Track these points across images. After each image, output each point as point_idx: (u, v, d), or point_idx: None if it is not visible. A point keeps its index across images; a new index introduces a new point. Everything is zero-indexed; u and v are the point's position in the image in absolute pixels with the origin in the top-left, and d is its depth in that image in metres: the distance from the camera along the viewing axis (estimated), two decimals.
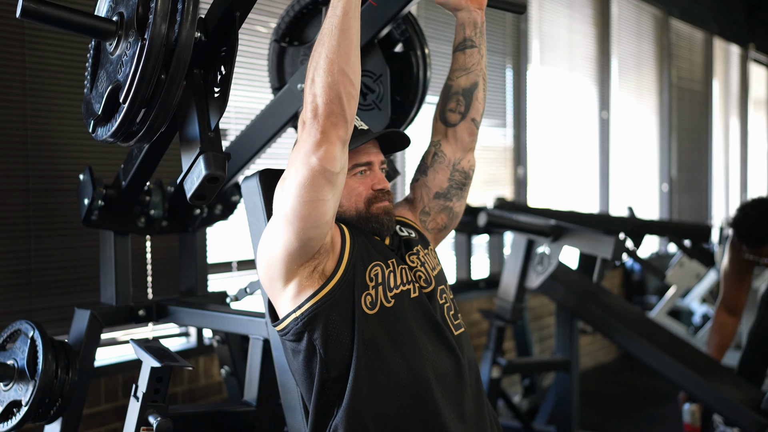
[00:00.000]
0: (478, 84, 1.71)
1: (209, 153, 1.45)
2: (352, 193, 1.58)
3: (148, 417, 1.65)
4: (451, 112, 1.72)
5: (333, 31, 1.37)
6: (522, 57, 4.79)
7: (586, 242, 2.91)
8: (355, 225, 1.58)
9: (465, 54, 1.70)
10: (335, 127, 1.36)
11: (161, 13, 1.35)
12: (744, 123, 8.55)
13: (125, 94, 1.38)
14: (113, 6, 1.52)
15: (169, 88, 1.39)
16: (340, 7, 1.37)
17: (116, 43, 1.46)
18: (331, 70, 1.35)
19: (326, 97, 1.36)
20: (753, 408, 2.87)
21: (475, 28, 1.69)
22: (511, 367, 3.23)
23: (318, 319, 1.45)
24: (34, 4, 1.35)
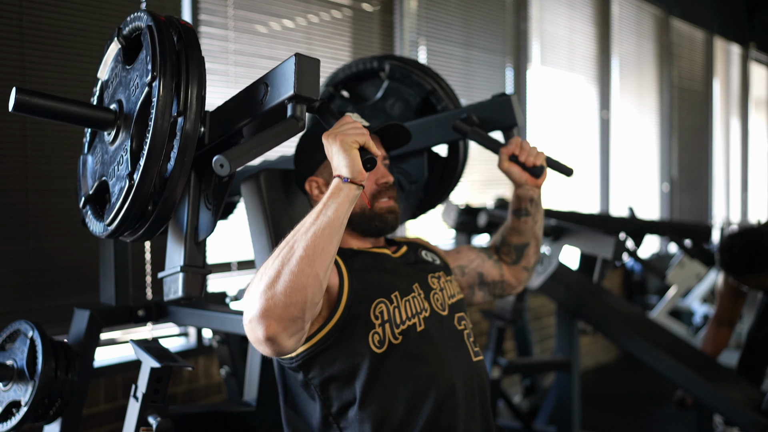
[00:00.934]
0: (529, 244, 1.81)
1: (189, 273, 1.43)
2: None
3: (148, 417, 1.65)
4: (504, 254, 1.81)
5: (319, 232, 1.23)
6: (522, 57, 4.78)
7: (586, 242, 2.91)
8: (359, 222, 1.56)
9: (519, 220, 1.77)
10: (286, 332, 1.23)
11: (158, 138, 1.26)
12: (745, 123, 8.54)
13: (113, 216, 1.35)
14: (113, 83, 1.48)
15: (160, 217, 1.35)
16: (333, 209, 1.24)
17: (115, 134, 1.41)
18: (304, 271, 1.20)
19: (288, 300, 1.20)
20: (753, 408, 2.87)
21: (531, 202, 1.76)
22: (512, 367, 3.23)
23: (314, 362, 1.43)
24: (27, 97, 1.31)
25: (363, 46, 3.77)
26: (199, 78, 1.32)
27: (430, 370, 1.45)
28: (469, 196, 4.44)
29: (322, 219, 1.24)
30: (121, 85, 1.44)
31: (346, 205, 1.25)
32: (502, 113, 1.76)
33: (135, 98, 1.36)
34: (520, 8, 4.76)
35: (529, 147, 1.67)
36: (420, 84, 1.96)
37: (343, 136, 1.25)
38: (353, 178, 1.24)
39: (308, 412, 1.48)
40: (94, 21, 2.62)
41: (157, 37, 1.30)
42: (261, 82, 1.33)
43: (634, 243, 3.76)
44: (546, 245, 3.05)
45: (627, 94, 6.08)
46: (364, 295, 1.46)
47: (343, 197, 1.25)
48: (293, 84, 1.23)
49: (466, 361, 1.54)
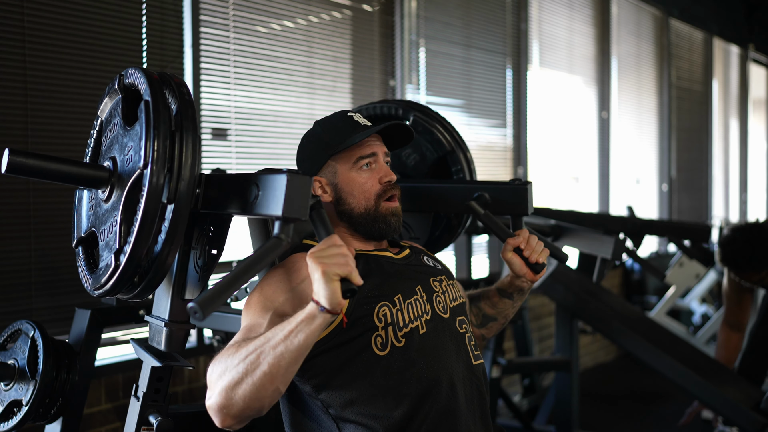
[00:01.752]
0: (497, 320, 1.81)
1: (173, 329, 1.48)
2: (360, 190, 1.55)
3: (149, 416, 1.65)
4: (472, 314, 1.80)
5: (286, 354, 1.24)
6: (522, 57, 4.79)
7: (586, 242, 2.91)
8: (362, 223, 1.56)
9: (501, 299, 1.78)
10: (240, 423, 1.31)
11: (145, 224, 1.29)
12: (744, 123, 8.55)
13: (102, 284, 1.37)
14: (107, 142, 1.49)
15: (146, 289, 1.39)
16: (303, 336, 1.25)
17: (109, 192, 1.42)
18: (266, 386, 1.25)
19: (246, 405, 1.27)
20: (753, 408, 2.87)
21: (520, 293, 1.76)
22: (511, 366, 3.23)
23: (314, 363, 1.42)
24: (21, 158, 1.31)
25: (363, 47, 3.77)
26: (192, 161, 1.34)
27: (432, 373, 1.46)
28: None
29: (291, 341, 1.25)
30: (117, 143, 1.45)
31: (317, 332, 1.27)
32: (517, 201, 1.75)
33: (129, 169, 1.38)
34: (520, 9, 4.77)
35: (535, 243, 1.66)
36: (441, 143, 1.95)
37: (326, 266, 1.24)
38: (330, 309, 1.25)
39: (307, 412, 1.48)
40: (95, 22, 2.62)
41: (152, 119, 1.31)
42: (253, 182, 1.35)
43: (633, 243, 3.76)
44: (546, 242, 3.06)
45: (626, 95, 6.09)
46: (367, 300, 1.46)
47: (315, 325, 1.26)
48: (281, 206, 1.27)
49: (466, 364, 1.54)
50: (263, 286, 1.47)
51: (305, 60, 3.47)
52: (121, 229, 1.36)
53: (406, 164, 2.00)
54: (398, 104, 2.00)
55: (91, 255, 1.52)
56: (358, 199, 1.55)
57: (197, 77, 2.95)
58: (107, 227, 1.42)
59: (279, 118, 3.33)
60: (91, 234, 1.49)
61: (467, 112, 4.46)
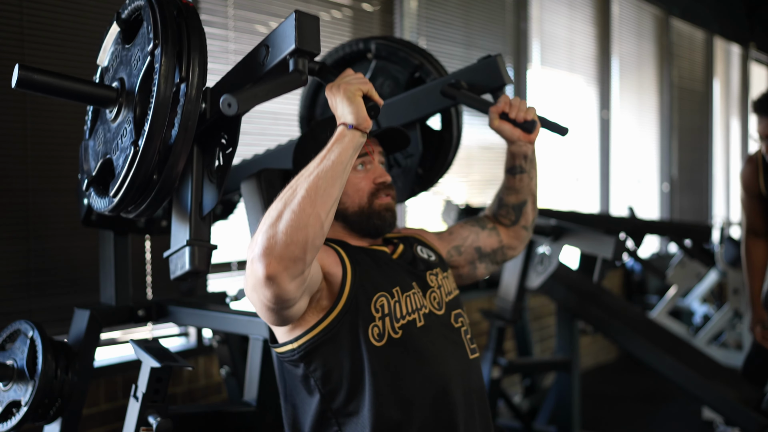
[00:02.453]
0: (527, 201, 1.79)
1: (195, 246, 1.43)
2: (354, 189, 1.56)
3: (148, 417, 1.65)
4: (503, 217, 1.80)
5: (320, 175, 1.25)
6: (522, 57, 4.79)
7: (586, 242, 2.91)
8: (357, 222, 1.57)
9: (515, 178, 1.76)
10: (288, 271, 1.22)
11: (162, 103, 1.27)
12: (745, 123, 8.54)
13: (117, 187, 1.35)
14: (114, 65, 1.48)
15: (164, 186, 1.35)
16: (337, 153, 1.27)
17: (117, 111, 1.42)
18: (306, 212, 1.22)
19: (289, 239, 1.21)
20: (753, 408, 2.87)
21: (525, 159, 1.74)
22: (512, 367, 3.23)
23: (315, 354, 1.42)
24: (30, 73, 1.32)
25: None
26: (201, 46, 1.34)
27: (430, 366, 1.46)
28: (469, 196, 4.44)
29: (325, 163, 1.27)
30: (121, 64, 1.45)
31: (350, 151, 1.28)
32: (490, 75, 1.75)
33: (137, 71, 1.37)
34: (520, 8, 4.76)
35: (519, 102, 1.66)
36: (407, 60, 1.95)
37: (347, 85, 1.30)
38: (358, 125, 1.28)
39: (306, 409, 1.47)
40: (95, 22, 2.62)
41: (157, 8, 1.32)
42: (261, 45, 1.36)
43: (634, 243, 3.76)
44: (546, 245, 3.05)
45: (627, 94, 6.09)
46: (365, 288, 1.47)
47: (347, 142, 1.28)
48: (294, 39, 1.26)
49: (463, 359, 1.55)
50: None
51: None
52: (135, 123, 1.35)
53: (382, 95, 1.98)
54: (359, 40, 2.04)
55: (104, 188, 1.47)
56: (352, 198, 1.56)
57: None
58: (119, 137, 1.40)
59: (279, 118, 3.32)
60: (104, 164, 1.45)
61: (468, 113, 4.45)
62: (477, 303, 4.22)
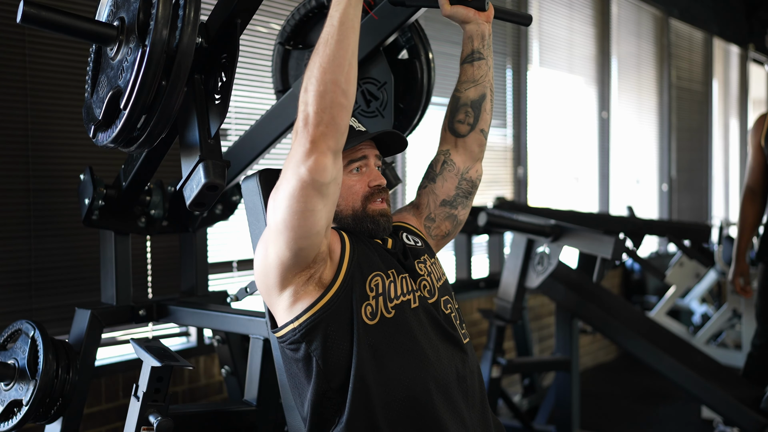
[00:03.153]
0: (486, 95, 1.74)
1: (209, 161, 1.46)
2: (348, 192, 1.57)
3: (149, 416, 1.66)
4: (460, 123, 1.73)
5: (328, 41, 1.34)
6: (522, 57, 4.79)
7: (586, 242, 2.91)
8: (352, 225, 1.57)
9: (473, 66, 1.72)
10: (325, 137, 1.33)
11: (162, 19, 1.34)
12: (744, 123, 8.55)
13: (126, 100, 1.38)
14: (114, 11, 1.52)
15: (170, 95, 1.39)
16: (337, 17, 1.34)
17: (117, 49, 1.45)
18: (323, 79, 1.32)
19: (317, 107, 1.32)
20: (752, 408, 2.88)
21: (483, 41, 1.71)
22: (511, 366, 3.23)
23: (316, 331, 1.44)
24: (35, 9, 1.35)
25: None
26: None
27: (423, 348, 1.48)
28: None
29: (328, 29, 1.34)
30: (120, 7, 1.48)
31: (349, 10, 1.34)
32: None
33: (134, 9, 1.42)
34: (520, 8, 4.77)
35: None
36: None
37: None
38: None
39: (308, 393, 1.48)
40: None
41: None
42: None
43: (633, 243, 3.77)
44: (546, 245, 3.06)
45: (626, 95, 6.09)
46: (362, 266, 1.49)
47: (345, 1, 1.34)
48: None
49: (457, 343, 1.56)
50: None
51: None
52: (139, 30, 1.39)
53: None
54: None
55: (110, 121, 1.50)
56: (346, 200, 1.57)
57: None
58: (122, 67, 1.44)
59: None
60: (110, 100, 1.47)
61: None
62: (477, 303, 4.22)
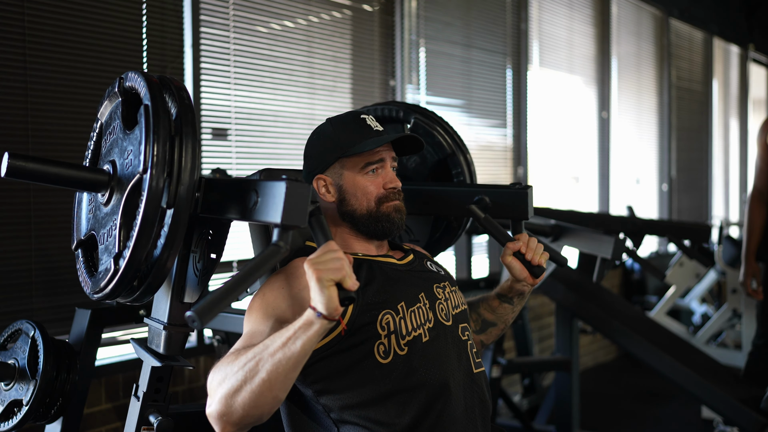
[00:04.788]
0: (496, 325, 1.80)
1: (171, 332, 1.49)
2: (362, 192, 1.55)
3: (149, 416, 1.65)
4: (472, 320, 1.78)
5: (284, 360, 1.24)
6: (522, 57, 4.79)
7: (586, 242, 2.91)
8: (366, 224, 1.56)
9: (501, 304, 1.77)
10: (242, 430, 1.32)
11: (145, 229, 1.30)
12: (744, 123, 8.55)
13: (101, 288, 1.39)
14: (107, 149, 1.49)
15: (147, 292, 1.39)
16: (302, 342, 1.24)
17: (108, 196, 1.43)
18: (265, 394, 1.26)
19: (245, 413, 1.28)
20: (752, 407, 2.88)
21: (520, 296, 1.75)
22: (511, 366, 3.24)
23: (316, 368, 1.43)
24: (21, 162, 1.32)
25: (363, 47, 3.78)
26: (192, 165, 1.34)
27: (433, 381, 1.46)
28: None
29: (289, 348, 1.25)
30: (117, 147, 1.45)
31: (314, 339, 1.26)
32: (517, 205, 1.74)
33: (128, 173, 1.39)
34: (520, 8, 4.77)
35: (535, 245, 1.65)
36: (441, 145, 1.96)
37: (320, 272, 1.24)
38: (327, 315, 1.24)
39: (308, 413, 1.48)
40: (96, 22, 2.63)
41: (152, 123, 1.32)
42: (252, 189, 1.34)
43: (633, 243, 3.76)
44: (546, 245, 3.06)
45: (626, 95, 6.09)
46: (370, 307, 1.46)
47: (313, 332, 1.25)
48: (280, 214, 1.27)
49: (467, 373, 1.54)
50: (265, 291, 1.47)
51: (305, 60, 3.47)
52: (120, 233, 1.37)
53: (406, 167, 2.01)
54: (400, 107, 2.01)
55: (91, 258, 1.52)
56: (361, 200, 1.55)
57: (197, 77, 2.95)
58: (107, 231, 1.42)
59: (279, 118, 3.33)
60: (91, 237, 1.50)
61: (467, 112, 4.47)
62: None
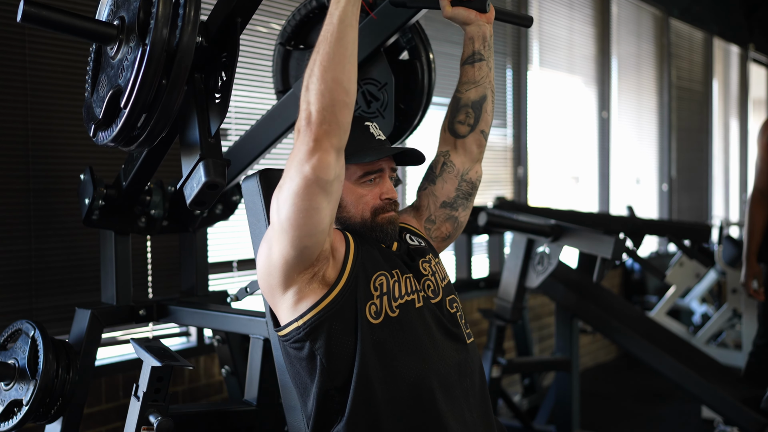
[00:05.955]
0: (486, 96, 1.73)
1: (209, 160, 1.46)
2: (359, 201, 1.57)
3: (149, 416, 1.66)
4: (461, 124, 1.72)
5: (328, 39, 1.35)
6: (522, 57, 4.79)
7: (586, 242, 2.91)
8: (360, 232, 1.57)
9: (474, 67, 1.72)
10: (328, 135, 1.34)
11: (162, 18, 1.35)
12: (744, 123, 8.55)
13: (126, 99, 1.39)
14: (114, 10, 1.52)
15: (170, 93, 1.39)
16: (337, 15, 1.35)
17: (117, 48, 1.46)
18: (324, 77, 1.33)
19: (319, 105, 1.34)
20: (752, 407, 2.88)
21: (483, 42, 1.71)
22: (511, 366, 3.23)
23: (320, 329, 1.44)
24: (35, 9, 1.35)
25: None
26: None
27: (426, 347, 1.48)
28: None
29: (328, 28, 1.36)
30: (120, 6, 1.48)
31: (348, 7, 1.36)
32: None
33: (135, 11, 1.42)
34: (520, 8, 4.77)
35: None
36: None
37: None
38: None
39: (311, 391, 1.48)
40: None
41: None
42: None
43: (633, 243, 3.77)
44: (546, 245, 3.06)
45: (626, 95, 6.09)
46: (366, 266, 1.50)
47: (344, 1, 1.36)
48: None
49: (461, 342, 1.57)
50: None
51: None
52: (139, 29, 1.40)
53: None
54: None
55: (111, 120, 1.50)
56: (356, 209, 1.57)
57: None
58: (122, 66, 1.44)
59: None
60: (110, 99, 1.48)
61: None
62: (477, 302, 4.22)
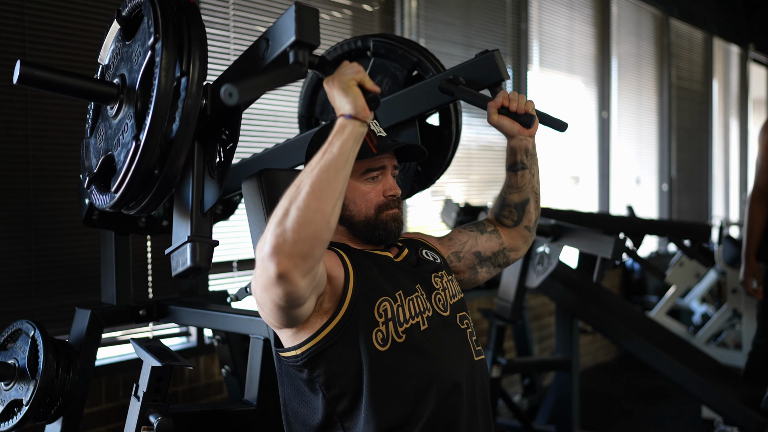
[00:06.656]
0: (529, 200, 1.78)
1: (197, 243, 1.44)
2: (362, 199, 1.55)
3: (149, 416, 1.66)
4: (505, 218, 1.79)
5: (324, 167, 1.24)
6: (522, 57, 4.79)
7: (586, 242, 2.91)
8: (363, 231, 1.56)
9: (517, 175, 1.75)
10: (298, 269, 1.23)
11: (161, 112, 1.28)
12: (744, 123, 8.55)
13: (119, 183, 1.36)
14: (115, 64, 1.49)
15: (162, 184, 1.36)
16: (338, 146, 1.26)
17: (117, 108, 1.42)
18: (312, 207, 1.21)
19: (297, 235, 1.20)
20: (752, 407, 2.88)
21: (526, 154, 1.72)
22: (511, 366, 3.23)
23: (319, 359, 1.42)
24: (32, 69, 1.33)
25: None
26: (201, 40, 1.35)
27: (434, 368, 1.46)
28: (469, 196, 4.45)
29: (327, 156, 1.26)
30: (122, 60, 1.45)
31: (350, 142, 1.27)
32: (488, 70, 1.74)
33: (138, 66, 1.37)
34: (520, 8, 4.77)
35: (517, 96, 1.66)
36: (405, 57, 1.95)
37: (341, 76, 1.30)
38: (356, 114, 1.27)
39: (311, 412, 1.47)
40: (96, 22, 2.63)
41: (158, 3, 1.33)
42: (261, 38, 1.36)
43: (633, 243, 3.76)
44: (545, 245, 3.06)
45: (626, 95, 6.09)
46: (367, 293, 1.46)
47: (347, 134, 1.27)
48: (294, 31, 1.26)
49: (468, 360, 1.54)
50: None
51: None
52: (136, 118, 1.36)
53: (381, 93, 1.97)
54: (356, 38, 2.04)
55: (105, 185, 1.48)
56: (359, 207, 1.56)
57: None
58: (120, 133, 1.41)
59: (279, 118, 3.33)
60: (105, 160, 1.46)
61: (467, 112, 4.46)
62: (477, 302, 4.22)
